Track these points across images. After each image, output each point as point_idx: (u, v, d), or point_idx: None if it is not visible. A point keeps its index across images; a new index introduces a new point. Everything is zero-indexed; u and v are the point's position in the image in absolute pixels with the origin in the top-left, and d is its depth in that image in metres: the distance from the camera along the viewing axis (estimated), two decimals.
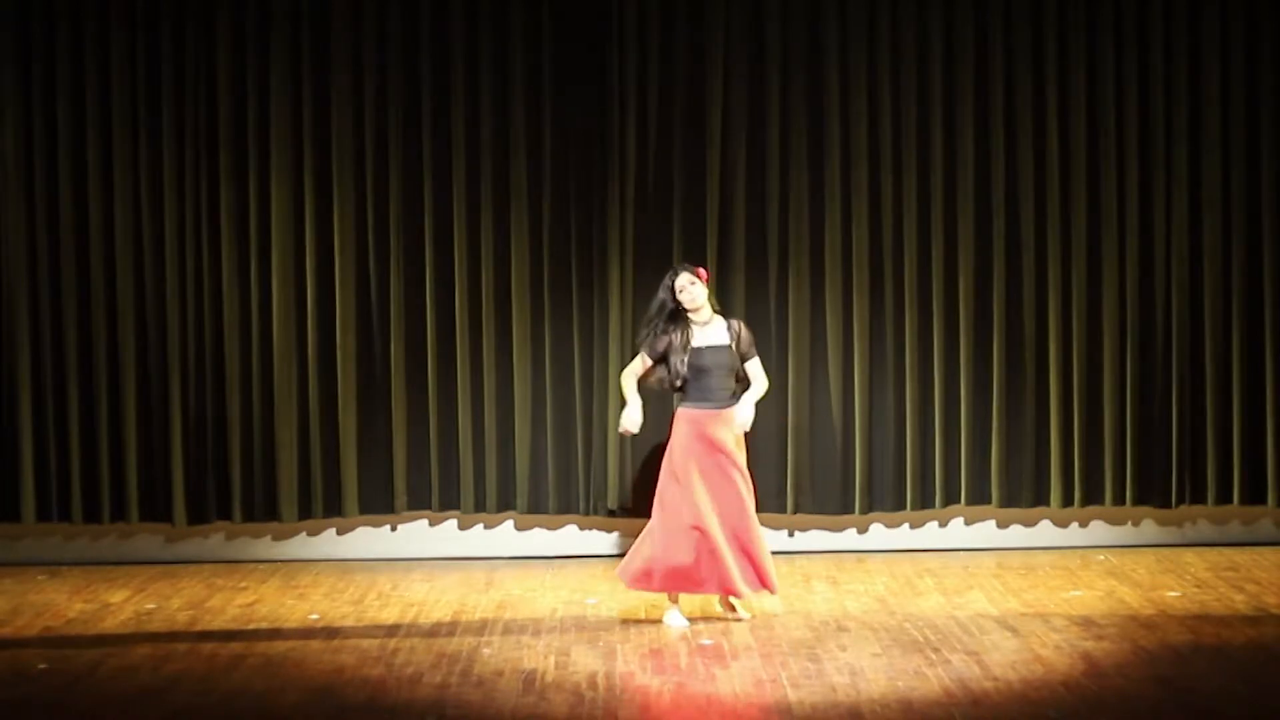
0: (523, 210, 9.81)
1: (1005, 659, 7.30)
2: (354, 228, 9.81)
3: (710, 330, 8.16)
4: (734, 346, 8.15)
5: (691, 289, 8.10)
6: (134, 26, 9.69)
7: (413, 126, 9.80)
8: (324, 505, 9.87)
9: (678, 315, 8.14)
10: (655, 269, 9.80)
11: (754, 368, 8.24)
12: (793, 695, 6.77)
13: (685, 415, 8.09)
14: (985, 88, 9.86)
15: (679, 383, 8.12)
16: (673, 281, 8.13)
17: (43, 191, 9.73)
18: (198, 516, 9.81)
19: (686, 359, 8.08)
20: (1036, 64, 9.86)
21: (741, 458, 8.12)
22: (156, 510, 9.81)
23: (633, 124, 9.79)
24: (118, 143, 9.71)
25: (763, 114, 9.83)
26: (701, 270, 8.21)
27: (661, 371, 8.17)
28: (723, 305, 9.78)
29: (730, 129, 9.83)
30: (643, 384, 8.27)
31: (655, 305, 8.20)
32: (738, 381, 8.18)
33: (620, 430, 8.31)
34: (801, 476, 9.87)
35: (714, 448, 8.04)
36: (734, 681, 7.00)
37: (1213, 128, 9.86)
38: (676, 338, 8.11)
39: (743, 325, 8.26)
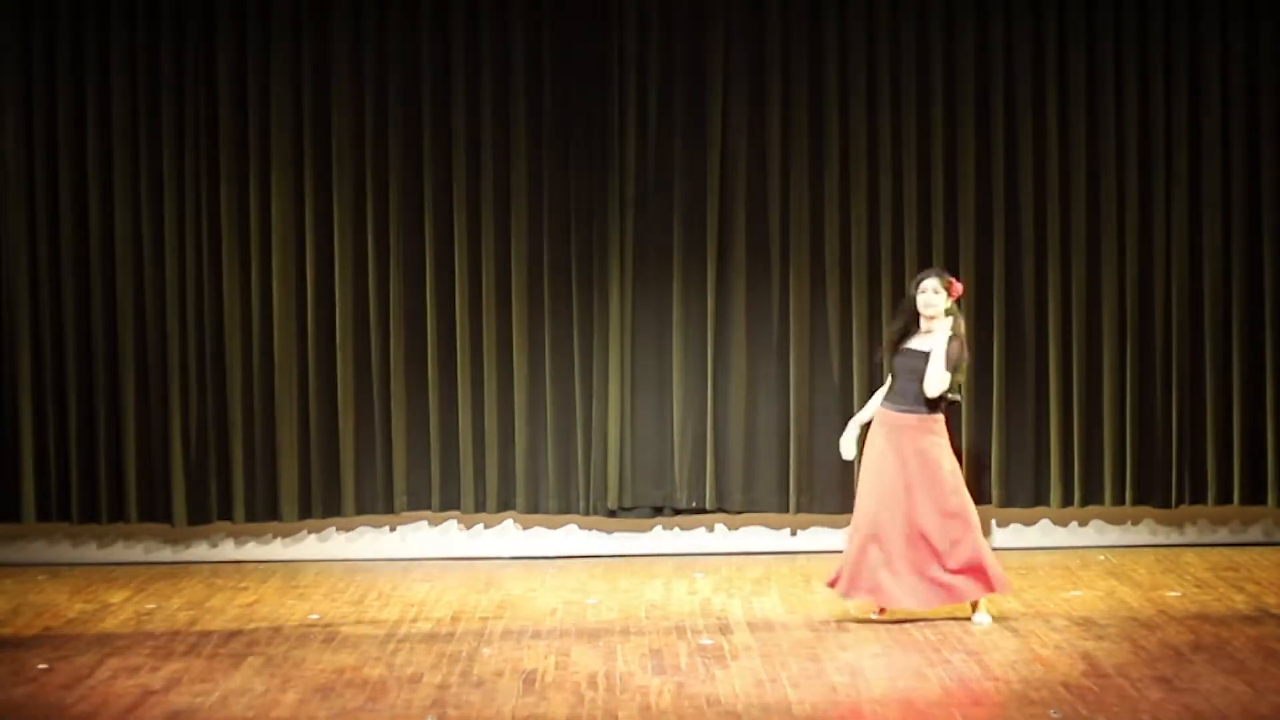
0: (523, 210, 9.80)
1: (1005, 659, 7.29)
2: (354, 228, 9.80)
3: (926, 337, 7.98)
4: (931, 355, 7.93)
5: (926, 295, 7.95)
6: (134, 26, 9.69)
7: (413, 127, 9.80)
8: (324, 505, 9.86)
9: (912, 314, 8.03)
10: (655, 269, 9.83)
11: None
12: (793, 695, 6.76)
13: (877, 414, 8.08)
14: (985, 88, 9.85)
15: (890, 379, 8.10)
16: (919, 279, 8.03)
17: (43, 191, 9.73)
18: (198, 516, 9.80)
19: (888, 356, 8.07)
20: (1036, 64, 9.85)
21: (933, 460, 7.91)
22: (156, 510, 9.81)
23: (633, 124, 9.78)
24: (118, 143, 9.70)
25: (763, 114, 9.82)
26: (955, 284, 8.03)
27: None
28: (724, 306, 9.84)
29: (730, 129, 9.82)
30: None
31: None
32: None
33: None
34: (802, 476, 9.86)
35: (896, 449, 7.93)
36: (734, 681, 6.99)
37: (1213, 128, 9.85)
38: (895, 333, 8.07)
39: (961, 343, 7.92)
